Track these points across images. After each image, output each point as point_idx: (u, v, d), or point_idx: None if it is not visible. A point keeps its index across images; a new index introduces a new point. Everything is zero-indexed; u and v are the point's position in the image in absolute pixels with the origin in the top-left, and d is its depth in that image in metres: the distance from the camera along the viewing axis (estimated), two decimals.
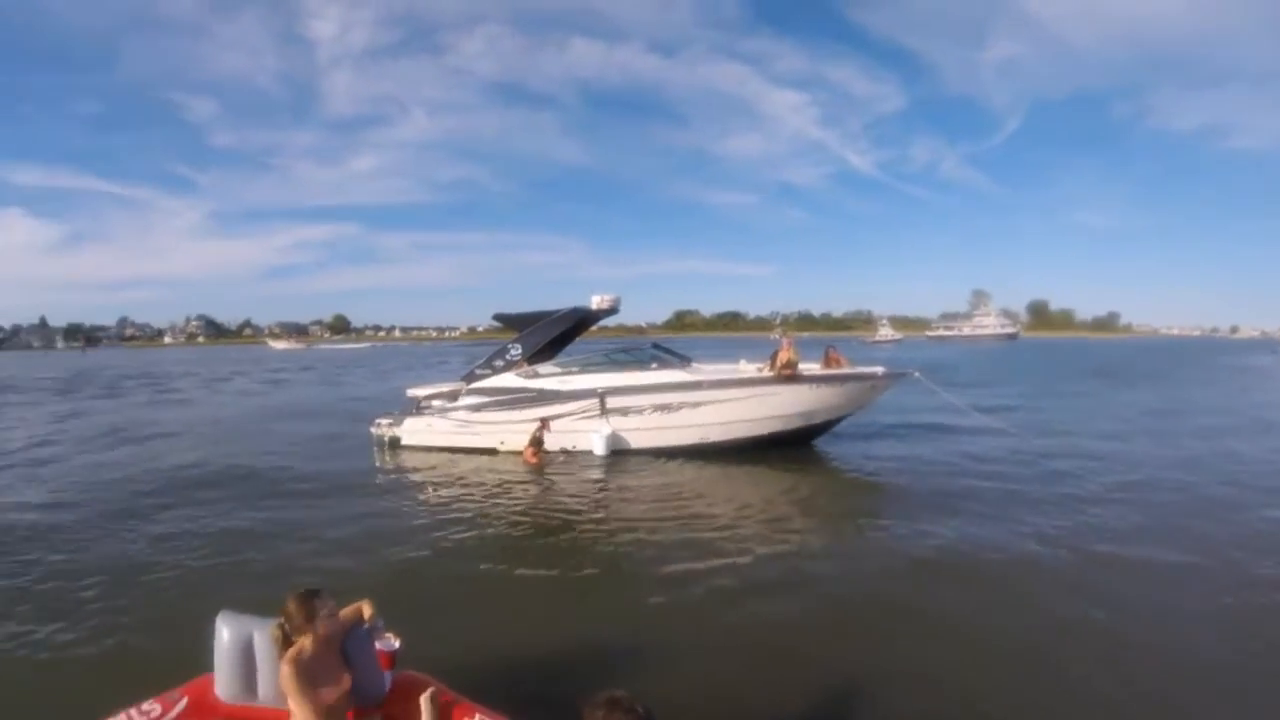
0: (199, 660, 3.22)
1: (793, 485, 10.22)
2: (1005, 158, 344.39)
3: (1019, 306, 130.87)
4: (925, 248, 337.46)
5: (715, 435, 11.96)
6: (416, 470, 11.52)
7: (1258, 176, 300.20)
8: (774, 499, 9.47)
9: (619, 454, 11.97)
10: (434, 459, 12.30)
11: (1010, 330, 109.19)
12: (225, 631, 3.11)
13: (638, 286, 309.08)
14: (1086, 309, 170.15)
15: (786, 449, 12.21)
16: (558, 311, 12.92)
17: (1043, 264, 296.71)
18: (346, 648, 3.11)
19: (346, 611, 3.22)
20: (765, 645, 4.90)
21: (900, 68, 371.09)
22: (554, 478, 10.83)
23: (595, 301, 13.02)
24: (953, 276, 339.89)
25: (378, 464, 12.09)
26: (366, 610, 3.27)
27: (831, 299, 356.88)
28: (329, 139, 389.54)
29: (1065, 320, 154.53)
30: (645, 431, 12.02)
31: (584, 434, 12.06)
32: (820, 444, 12.95)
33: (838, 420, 12.80)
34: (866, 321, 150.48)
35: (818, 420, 12.42)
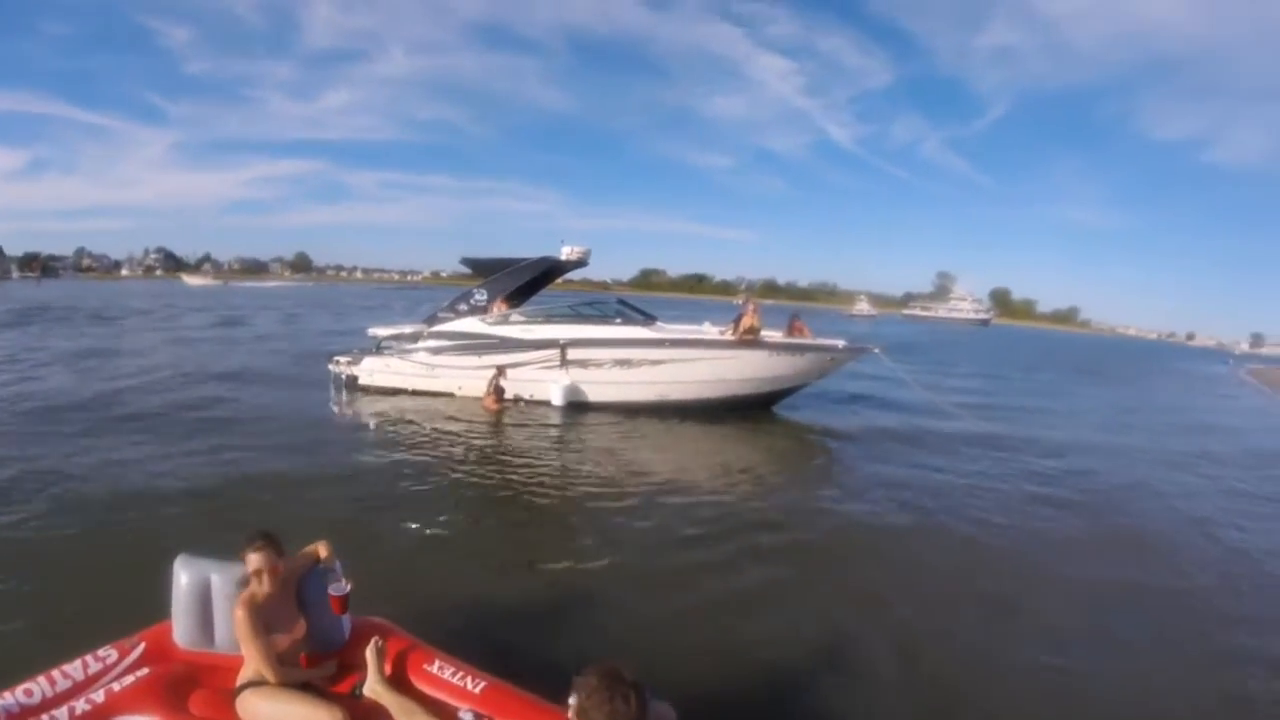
0: (158, 607, 3.09)
1: (746, 450, 10.43)
2: (986, 145, 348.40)
3: (982, 292, 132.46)
4: (895, 226, 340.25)
5: (674, 394, 11.99)
6: (374, 411, 11.44)
7: (1234, 191, 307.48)
8: (728, 463, 9.55)
9: (576, 406, 11.96)
10: (391, 400, 12.22)
11: (984, 316, 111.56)
12: (183, 576, 2.99)
13: (608, 241, 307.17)
14: (1047, 301, 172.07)
15: (744, 413, 12.31)
16: (526, 259, 12.76)
17: (1008, 252, 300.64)
18: (303, 591, 3.02)
19: (303, 553, 3.11)
20: (710, 606, 4.98)
21: (892, 44, 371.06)
22: (510, 426, 10.81)
23: (565, 252, 12.87)
24: (919, 256, 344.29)
25: (335, 404, 11.97)
26: (323, 551, 3.13)
27: (798, 268, 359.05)
28: (304, 72, 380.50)
29: (1026, 310, 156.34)
30: (604, 386, 12.00)
31: (542, 384, 12.02)
32: (779, 411, 13.06)
33: (796, 388, 12.89)
34: (830, 293, 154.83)
35: (776, 387, 12.51)
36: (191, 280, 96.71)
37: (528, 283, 12.88)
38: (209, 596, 2.98)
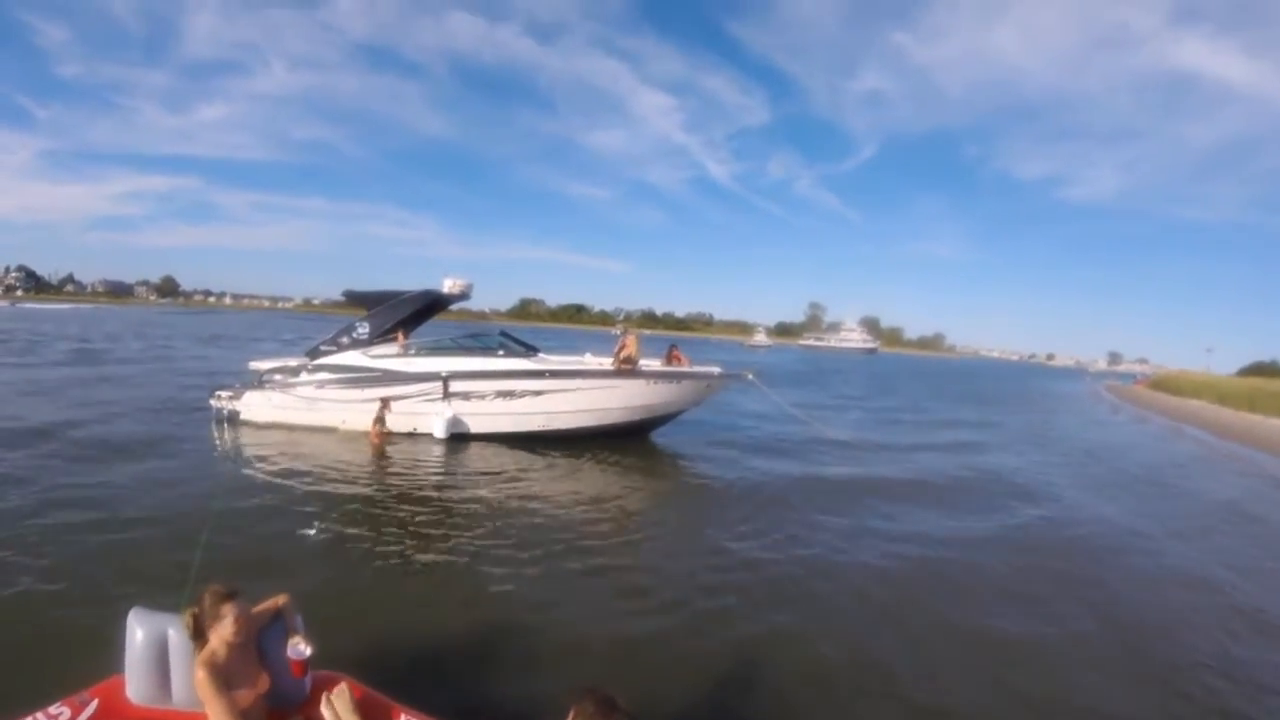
0: (107, 661, 3.07)
1: (627, 474, 10.97)
2: (856, 182, 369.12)
3: (851, 321, 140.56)
4: (769, 259, 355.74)
5: (556, 424, 12.40)
6: (259, 449, 11.06)
7: (1087, 225, 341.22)
8: (612, 486, 10.14)
9: (459, 438, 12.19)
10: (275, 435, 12.00)
11: (871, 345, 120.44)
12: (138, 631, 2.94)
13: (486, 270, 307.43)
14: (913, 328, 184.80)
15: (625, 439, 12.84)
16: (409, 292, 12.89)
17: (875, 283, 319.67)
18: (262, 646, 3.00)
19: (261, 607, 3.07)
20: (615, 626, 5.42)
21: (769, 84, 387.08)
22: (397, 460, 10.85)
23: (447, 285, 13.06)
24: (791, 287, 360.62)
25: (217, 440, 11.56)
26: (283, 604, 3.15)
27: (675, 299, 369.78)
28: (180, 82, 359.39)
29: (894, 337, 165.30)
30: (487, 417, 12.28)
31: (425, 416, 12.19)
32: (656, 438, 13.67)
33: (675, 414, 13.53)
34: (706, 323, 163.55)
35: (656, 414, 13.11)
36: None
37: (411, 315, 13.00)
38: (165, 651, 2.94)
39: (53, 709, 2.88)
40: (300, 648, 2.97)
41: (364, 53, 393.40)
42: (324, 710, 2.87)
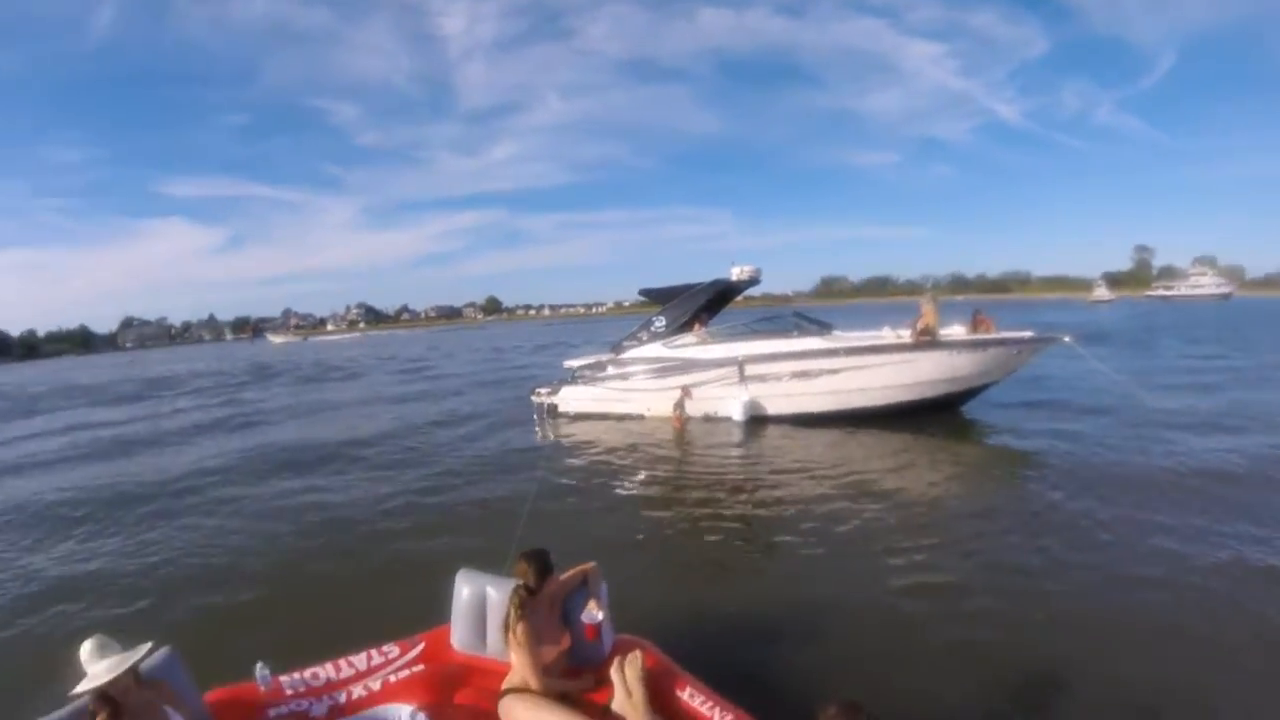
0: (436, 612, 3.65)
1: (933, 454, 10.20)
2: (1161, 101, 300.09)
3: (1183, 262, 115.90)
4: (1080, 202, 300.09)
5: (854, 402, 12.11)
6: (573, 435, 12.65)
7: None
8: (916, 468, 9.39)
9: (757, 420, 12.46)
10: (587, 424, 13.49)
11: (1226, 289, 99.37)
12: (464, 588, 3.47)
13: (783, 255, 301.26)
14: (1257, 265, 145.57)
15: (931, 415, 12.10)
16: (700, 284, 13.50)
17: (1206, 215, 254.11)
18: (567, 608, 3.35)
19: (570, 574, 3.43)
20: (937, 632, 4.78)
21: (1039, 8, 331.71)
22: (699, 442, 11.47)
23: (735, 273, 13.47)
24: (1111, 231, 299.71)
25: (538, 430, 13.37)
26: (590, 572, 3.47)
27: (985, 259, 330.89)
28: (468, 130, 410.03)
29: (1236, 276, 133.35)
30: (783, 398, 12.39)
31: (724, 400, 12.65)
32: (968, 412, 12.70)
33: (985, 386, 12.47)
34: (1023, 282, 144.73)
35: (961, 387, 12.18)
36: (274, 338, 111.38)
37: (705, 305, 13.56)
38: (484, 607, 3.43)
39: (385, 647, 3.49)
40: (593, 613, 3.25)
41: (627, 68, 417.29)
42: (613, 673, 3.08)
